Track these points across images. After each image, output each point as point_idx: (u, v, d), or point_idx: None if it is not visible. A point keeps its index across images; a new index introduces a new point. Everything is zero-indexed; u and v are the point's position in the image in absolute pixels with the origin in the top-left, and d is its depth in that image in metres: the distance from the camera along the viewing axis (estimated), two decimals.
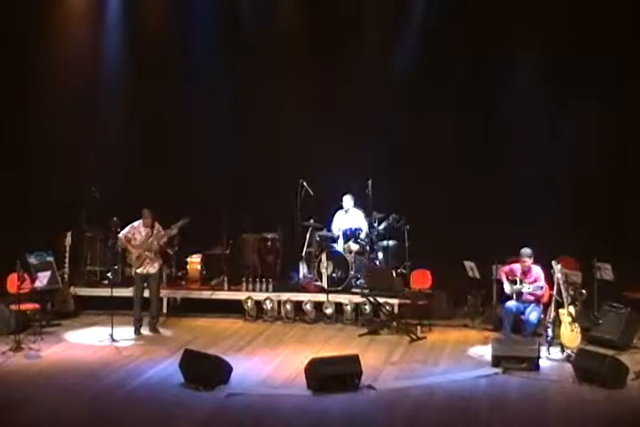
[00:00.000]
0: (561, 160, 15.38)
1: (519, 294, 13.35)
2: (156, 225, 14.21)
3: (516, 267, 13.45)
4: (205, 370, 11.20)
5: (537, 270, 13.31)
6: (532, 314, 13.14)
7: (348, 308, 14.90)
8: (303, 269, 15.82)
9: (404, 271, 15.17)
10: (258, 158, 16.35)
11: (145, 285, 14.24)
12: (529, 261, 13.27)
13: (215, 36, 16.66)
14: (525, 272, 13.34)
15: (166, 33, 16.84)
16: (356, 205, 15.58)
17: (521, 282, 13.31)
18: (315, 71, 16.13)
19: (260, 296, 15.28)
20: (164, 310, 15.26)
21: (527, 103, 15.63)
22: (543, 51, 15.40)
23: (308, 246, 15.78)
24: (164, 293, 15.13)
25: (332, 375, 10.99)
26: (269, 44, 16.47)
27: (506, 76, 15.67)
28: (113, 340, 13.52)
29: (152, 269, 14.18)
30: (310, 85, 16.17)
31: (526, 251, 13.30)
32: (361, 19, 16.23)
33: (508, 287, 13.42)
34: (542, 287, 13.19)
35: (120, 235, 14.31)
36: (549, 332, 12.79)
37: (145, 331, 14.16)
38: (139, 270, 14.15)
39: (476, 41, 15.43)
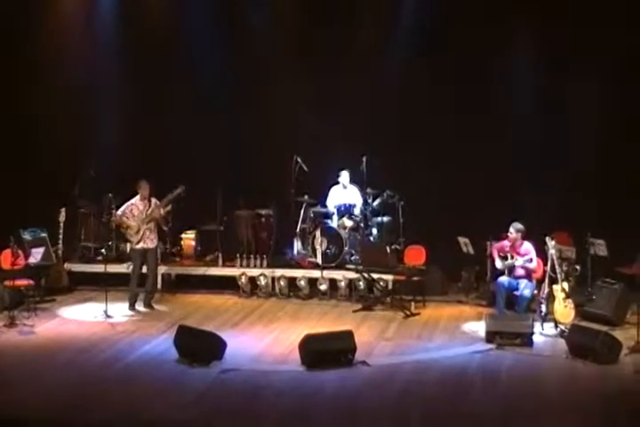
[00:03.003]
0: (557, 138, 15.36)
1: (511, 270, 13.38)
2: (153, 199, 14.19)
3: (507, 242, 13.49)
4: (199, 346, 11.23)
5: (527, 245, 13.35)
6: (526, 290, 13.16)
7: (342, 284, 14.91)
8: (297, 245, 15.82)
9: (398, 247, 15.17)
10: (252, 135, 16.28)
11: (143, 260, 14.21)
12: (515, 235, 13.27)
13: (208, 16, 16.60)
14: (515, 247, 13.36)
15: (159, 13, 16.80)
16: (351, 181, 15.57)
17: (512, 257, 13.35)
18: (312, 49, 16.03)
19: (254, 272, 15.30)
20: (159, 286, 15.27)
21: (526, 74, 15.63)
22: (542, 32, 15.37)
23: (302, 223, 15.75)
24: (158, 269, 15.12)
25: (326, 351, 11.02)
26: (268, 21, 16.38)
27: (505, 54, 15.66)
28: (107, 315, 13.53)
29: (151, 244, 14.16)
30: (306, 62, 16.09)
31: (514, 224, 13.32)
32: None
33: (499, 263, 13.45)
34: (532, 260, 13.22)
35: (118, 212, 14.26)
36: (543, 308, 12.83)
37: (139, 307, 14.17)
38: (137, 246, 14.13)
39: (475, 21, 15.35)
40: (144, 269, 14.29)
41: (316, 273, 15.11)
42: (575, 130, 15.31)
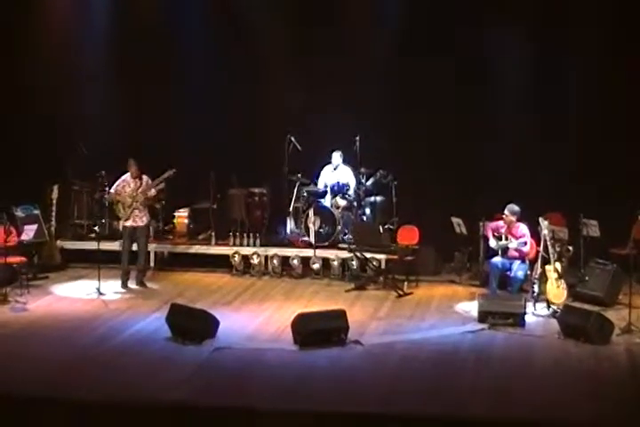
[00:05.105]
0: (552, 119, 15.35)
1: (505, 250, 13.38)
2: (144, 177, 14.20)
3: (502, 223, 13.48)
4: (192, 324, 11.23)
5: (522, 228, 13.33)
6: (519, 272, 13.17)
7: (335, 263, 14.91)
8: (290, 224, 15.82)
9: (391, 227, 15.16)
10: (246, 113, 16.25)
11: (133, 238, 14.21)
12: (510, 217, 13.27)
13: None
14: (510, 228, 13.35)
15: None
16: (345, 161, 15.55)
17: (506, 238, 13.34)
18: (305, 27, 15.98)
19: (247, 251, 15.29)
20: (152, 264, 15.27)
21: (524, 52, 15.62)
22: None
23: (295, 202, 15.74)
24: (151, 247, 15.14)
25: (319, 330, 11.02)
26: (260, 4, 16.33)
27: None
28: (100, 293, 13.52)
29: (140, 222, 14.17)
30: (300, 43, 16.04)
31: (509, 206, 13.30)
32: None
33: (493, 242, 13.45)
34: (526, 243, 13.22)
35: (111, 190, 14.28)
36: (536, 288, 12.86)
37: (132, 285, 14.18)
38: (127, 223, 14.14)
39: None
40: (134, 247, 14.29)
41: (308, 252, 15.11)
42: (571, 112, 15.32)
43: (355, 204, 15.49)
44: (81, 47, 16.76)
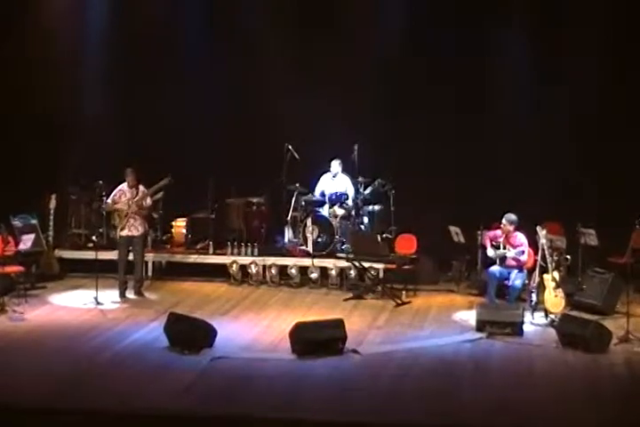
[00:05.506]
0: (551, 128, 15.36)
1: (502, 259, 13.37)
2: (141, 187, 14.20)
3: (499, 233, 13.47)
4: (190, 334, 11.22)
5: (520, 237, 13.33)
6: (517, 281, 13.16)
7: (333, 272, 14.92)
8: (288, 233, 15.81)
9: (389, 236, 15.17)
10: (244, 122, 16.26)
11: (129, 248, 14.22)
12: (508, 227, 13.25)
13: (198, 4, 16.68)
14: (508, 238, 13.35)
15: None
16: (343, 169, 15.55)
17: (504, 247, 13.34)
18: (304, 36, 16.02)
19: (245, 260, 15.29)
20: (150, 274, 15.27)
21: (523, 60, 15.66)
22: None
23: (293, 211, 15.74)
24: (149, 256, 15.13)
25: (317, 340, 11.01)
26: (260, 11, 16.34)
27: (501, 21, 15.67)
28: (98, 303, 13.50)
29: (136, 231, 14.16)
30: (298, 50, 16.07)
31: (507, 216, 13.30)
32: None
33: (491, 252, 13.43)
34: (524, 252, 13.20)
35: (108, 200, 14.29)
36: (533, 297, 12.86)
37: (130, 294, 14.16)
38: (123, 233, 14.14)
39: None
40: (131, 257, 14.29)
41: (306, 261, 15.11)
42: (571, 120, 15.34)
43: (353, 213, 15.49)
44: (81, 48, 16.78)
